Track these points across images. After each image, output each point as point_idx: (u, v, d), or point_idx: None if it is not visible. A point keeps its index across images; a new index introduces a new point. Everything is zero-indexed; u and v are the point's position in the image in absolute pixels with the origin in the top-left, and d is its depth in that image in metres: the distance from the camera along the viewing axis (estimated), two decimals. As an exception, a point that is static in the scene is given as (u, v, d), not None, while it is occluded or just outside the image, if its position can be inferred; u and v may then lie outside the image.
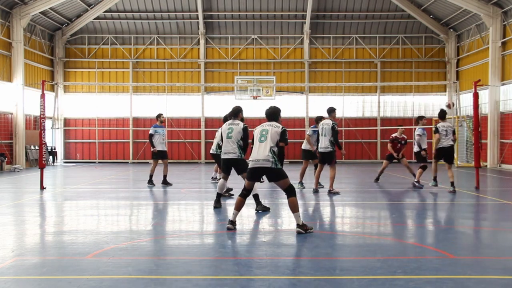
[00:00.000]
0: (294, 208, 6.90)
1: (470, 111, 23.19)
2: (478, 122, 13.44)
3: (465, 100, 25.25)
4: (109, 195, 11.77)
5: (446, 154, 12.08)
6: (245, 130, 8.83)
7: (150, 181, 13.57)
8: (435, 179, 12.40)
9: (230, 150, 8.81)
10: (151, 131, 13.62)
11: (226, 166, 9.01)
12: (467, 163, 23.40)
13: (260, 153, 6.95)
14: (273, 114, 7.32)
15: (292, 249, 6.22)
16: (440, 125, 12.12)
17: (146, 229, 7.41)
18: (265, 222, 7.98)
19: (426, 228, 7.80)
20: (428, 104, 27.25)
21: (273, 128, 7.04)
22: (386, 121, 27.05)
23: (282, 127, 7.09)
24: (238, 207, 7.22)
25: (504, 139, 21.86)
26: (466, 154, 24.32)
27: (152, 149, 13.54)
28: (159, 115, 13.95)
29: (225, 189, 10.80)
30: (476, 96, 13.24)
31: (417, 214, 9.21)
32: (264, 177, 7.23)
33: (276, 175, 6.96)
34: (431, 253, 5.92)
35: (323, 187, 12.43)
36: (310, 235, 6.76)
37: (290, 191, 6.94)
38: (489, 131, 22.34)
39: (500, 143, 22.14)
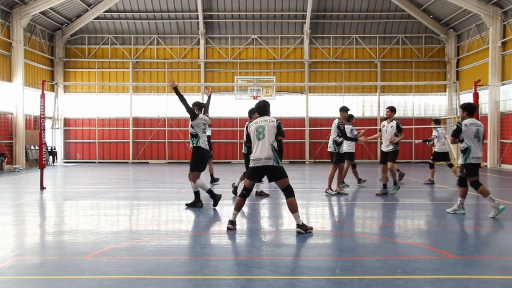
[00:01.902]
0: (293, 208, 6.89)
1: (470, 111, 23.16)
2: (478, 122, 13.48)
3: (465, 100, 25.24)
4: (109, 195, 11.76)
5: (443, 157, 14.04)
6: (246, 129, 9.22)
7: (214, 179, 14.11)
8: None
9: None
10: (208, 132, 13.18)
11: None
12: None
13: (261, 151, 6.90)
14: (264, 107, 7.25)
15: (292, 249, 6.21)
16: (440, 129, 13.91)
17: (146, 229, 7.41)
18: (265, 222, 7.98)
19: (426, 228, 7.80)
20: (428, 104, 27.24)
21: (268, 123, 6.97)
22: (386, 121, 27.00)
23: (277, 120, 7.04)
24: (238, 207, 7.19)
25: (504, 139, 21.86)
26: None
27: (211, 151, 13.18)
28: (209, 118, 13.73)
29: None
30: (476, 96, 13.25)
31: (417, 214, 9.21)
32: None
33: (277, 174, 6.94)
34: (431, 253, 5.92)
35: (348, 186, 13.05)
36: (310, 235, 6.76)
37: (289, 191, 6.92)
38: (489, 131, 22.31)
39: (500, 143, 22.14)
